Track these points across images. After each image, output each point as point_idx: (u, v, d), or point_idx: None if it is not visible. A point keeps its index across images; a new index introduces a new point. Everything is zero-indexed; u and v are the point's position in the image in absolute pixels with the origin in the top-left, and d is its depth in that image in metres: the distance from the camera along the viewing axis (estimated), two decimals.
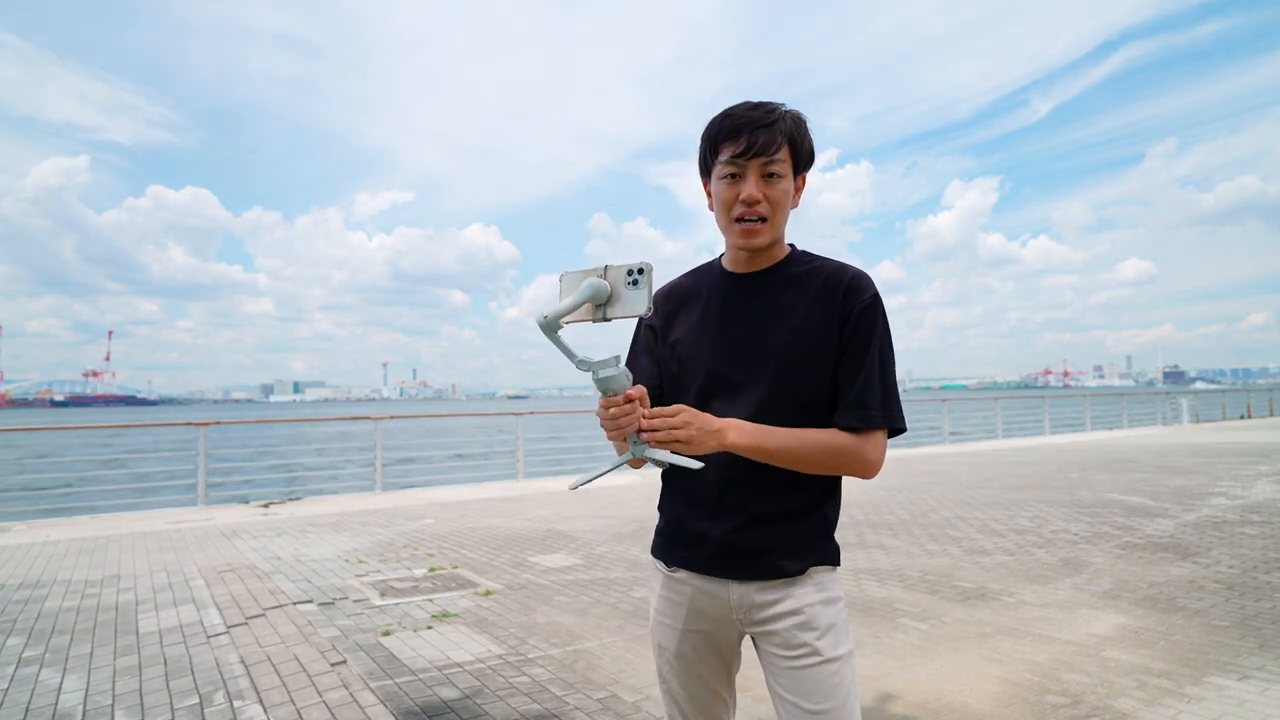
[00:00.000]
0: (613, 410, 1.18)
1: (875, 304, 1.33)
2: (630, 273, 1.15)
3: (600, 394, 1.18)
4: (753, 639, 1.40)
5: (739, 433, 1.25)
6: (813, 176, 1.45)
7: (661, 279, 1.54)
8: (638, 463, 1.33)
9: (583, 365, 1.16)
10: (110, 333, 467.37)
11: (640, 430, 1.19)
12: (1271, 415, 25.03)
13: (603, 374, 1.15)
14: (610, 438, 1.23)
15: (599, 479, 1.26)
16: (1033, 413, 20.08)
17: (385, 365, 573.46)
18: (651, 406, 1.41)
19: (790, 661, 1.30)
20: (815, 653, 1.29)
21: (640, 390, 1.20)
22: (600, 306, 1.17)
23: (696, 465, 1.19)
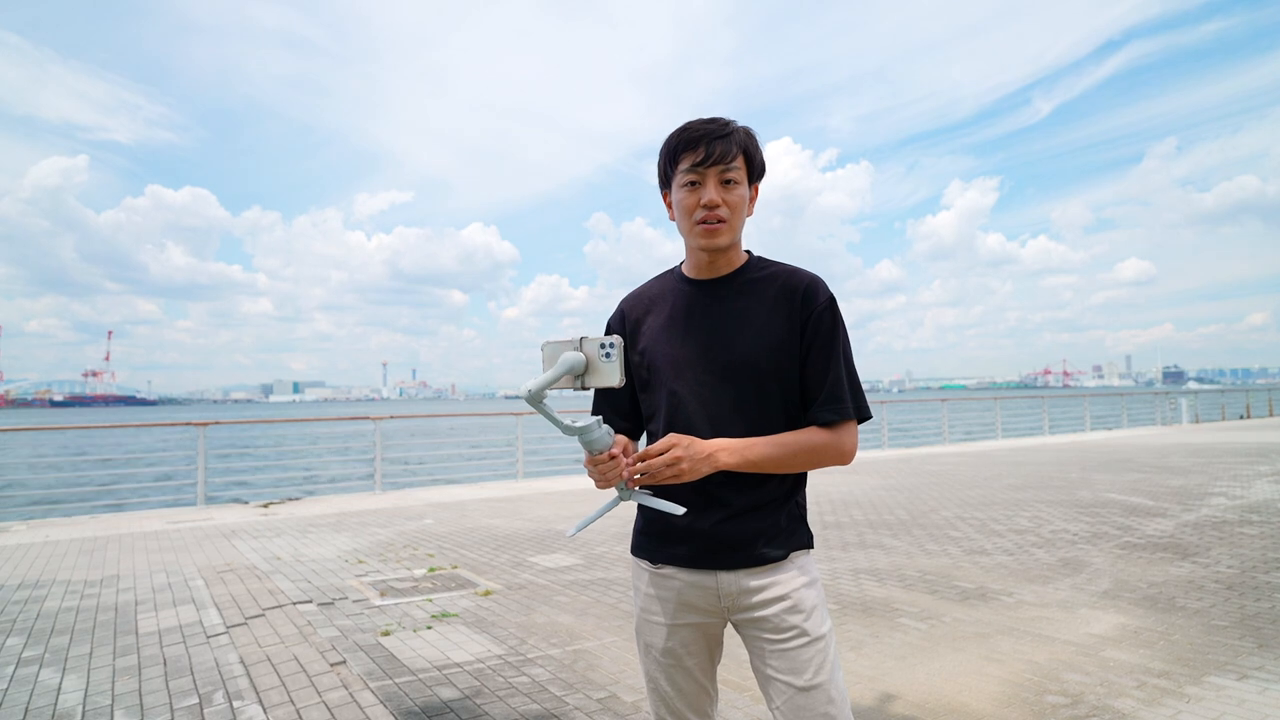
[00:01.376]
0: (600, 467, 1.33)
1: (832, 306, 1.43)
2: (603, 346, 1.30)
3: (586, 453, 1.32)
4: (735, 626, 1.46)
5: (729, 453, 1.34)
6: (812, 177, 1.50)
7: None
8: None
9: (568, 430, 1.30)
10: (110, 333, 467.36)
11: (626, 480, 1.35)
12: (1271, 415, 25.04)
13: (587, 436, 1.30)
14: (600, 487, 1.38)
15: (593, 524, 1.40)
16: (1032, 413, 20.09)
17: (385, 365, 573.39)
18: (627, 409, 1.56)
19: (781, 644, 1.38)
20: (804, 633, 1.38)
21: (623, 443, 1.37)
22: (578, 377, 1.31)
23: (679, 511, 1.32)
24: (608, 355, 1.29)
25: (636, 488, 1.37)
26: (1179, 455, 11.84)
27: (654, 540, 1.49)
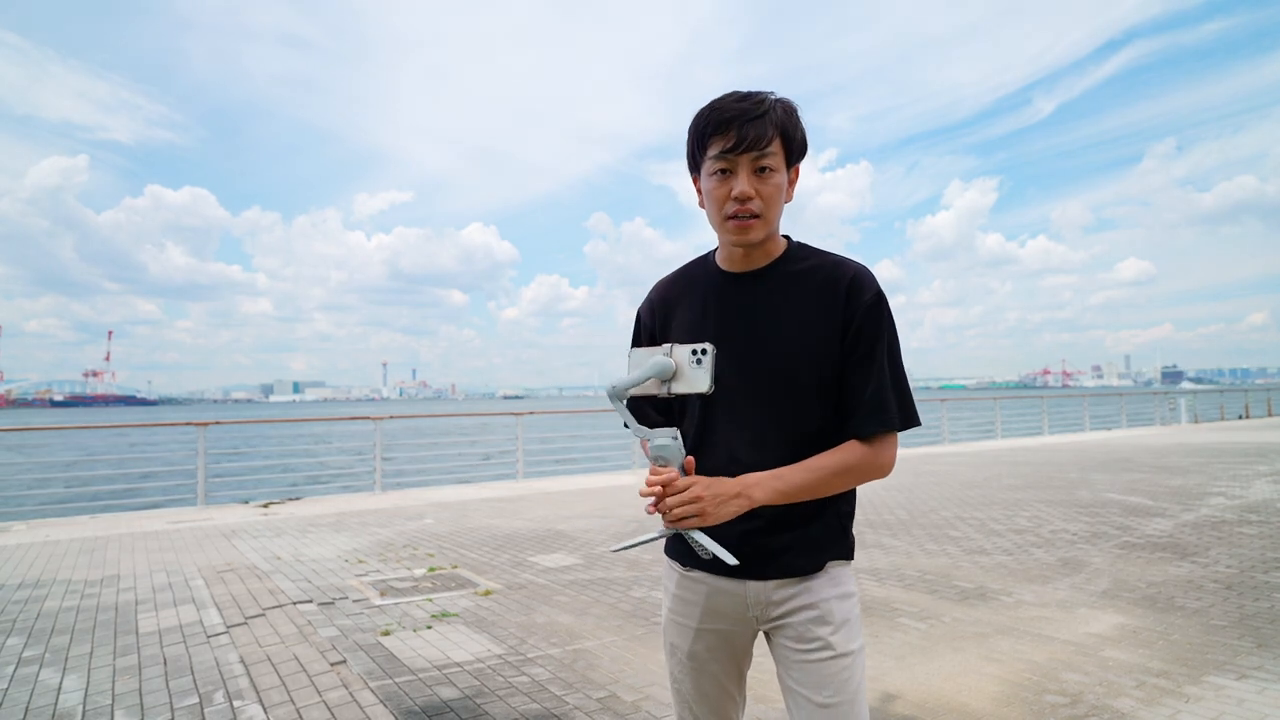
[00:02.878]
0: (657, 487, 1.23)
1: (879, 302, 1.30)
2: (694, 352, 1.25)
3: (651, 462, 1.25)
4: (765, 634, 1.39)
5: (760, 489, 1.25)
6: (812, 177, 1.48)
7: (660, 277, 1.57)
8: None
9: (640, 433, 1.26)
10: (110, 333, 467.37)
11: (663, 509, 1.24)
12: (1270, 415, 25.04)
13: (656, 442, 1.23)
14: (651, 510, 1.26)
15: (641, 545, 1.35)
16: (1031, 413, 20.09)
17: (385, 365, 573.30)
18: (663, 405, 1.44)
19: (803, 655, 1.30)
20: (828, 647, 1.29)
21: (690, 465, 1.26)
22: (665, 382, 1.27)
23: (732, 562, 1.23)
24: (699, 361, 1.24)
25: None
26: (1178, 455, 11.84)
27: (686, 544, 1.42)
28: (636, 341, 1.51)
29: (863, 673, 1.32)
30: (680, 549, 1.44)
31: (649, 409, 1.44)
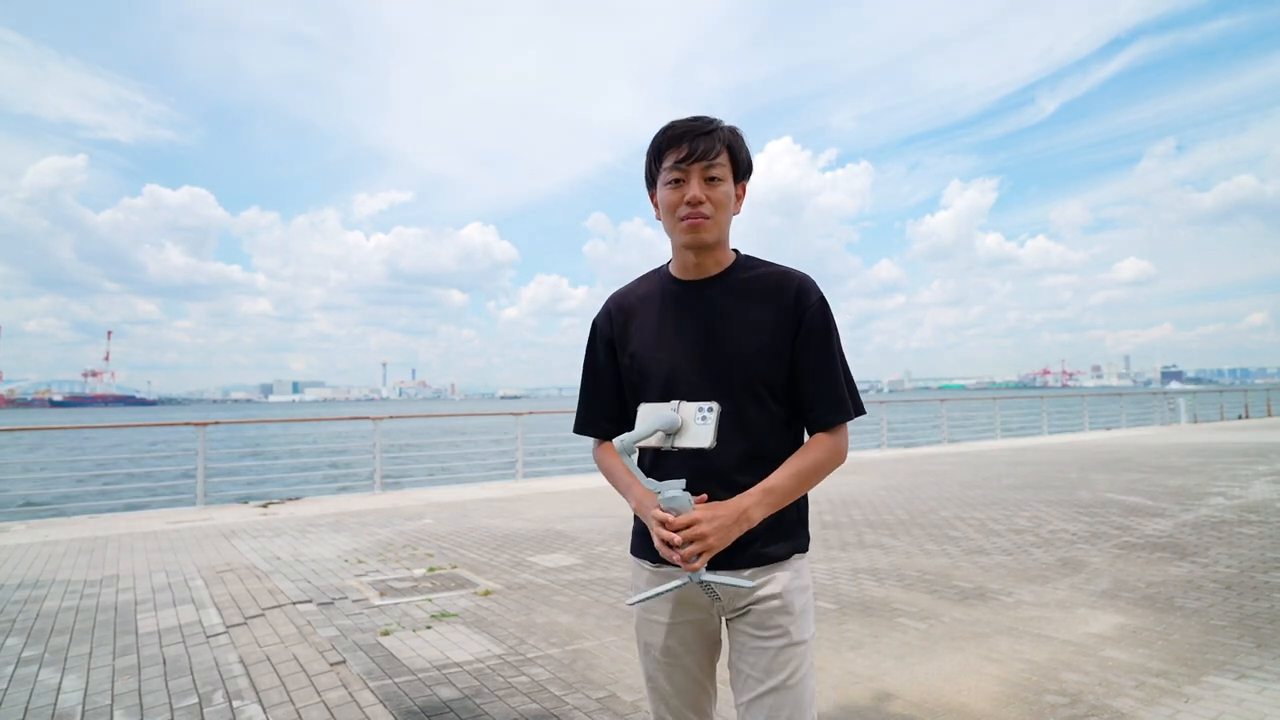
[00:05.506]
0: (665, 538, 1.30)
1: (824, 305, 1.43)
2: (700, 410, 1.35)
3: (663, 511, 1.31)
4: (726, 621, 1.46)
5: (759, 509, 1.34)
6: (812, 177, 1.51)
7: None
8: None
9: (651, 486, 1.32)
10: (110, 333, 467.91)
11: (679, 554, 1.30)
12: (1269, 415, 25.05)
13: (667, 494, 1.30)
14: (664, 555, 1.33)
15: (658, 596, 1.42)
16: (1031, 413, 20.10)
17: (384, 365, 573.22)
18: (615, 413, 1.54)
19: (761, 641, 1.38)
20: (786, 634, 1.38)
21: (704, 505, 1.32)
22: (670, 435, 1.36)
23: (749, 585, 1.28)
24: (704, 419, 1.33)
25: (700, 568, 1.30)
26: (1177, 455, 11.84)
27: (652, 541, 1.48)
28: (591, 349, 1.59)
29: (813, 660, 1.42)
30: (650, 546, 1.48)
31: (596, 415, 1.55)
